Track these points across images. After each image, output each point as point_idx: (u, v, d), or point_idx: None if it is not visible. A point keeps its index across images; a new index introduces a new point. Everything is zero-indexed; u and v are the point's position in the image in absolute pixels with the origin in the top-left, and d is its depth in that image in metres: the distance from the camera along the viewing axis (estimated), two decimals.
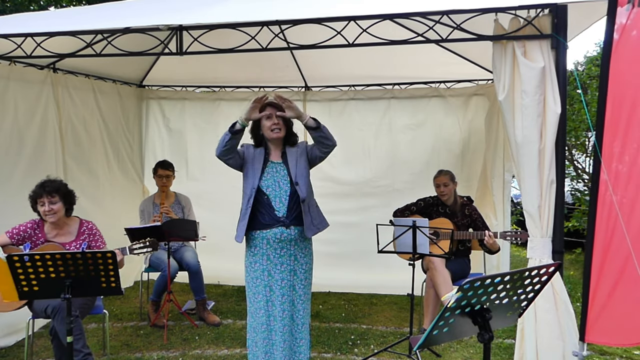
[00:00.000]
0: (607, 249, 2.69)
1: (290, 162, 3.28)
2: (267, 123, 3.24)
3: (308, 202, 3.26)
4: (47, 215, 3.37)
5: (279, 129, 3.24)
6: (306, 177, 3.28)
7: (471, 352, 4.01)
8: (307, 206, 3.25)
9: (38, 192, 3.39)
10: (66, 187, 3.49)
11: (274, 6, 3.29)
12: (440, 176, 4.45)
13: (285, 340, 3.22)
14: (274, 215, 3.19)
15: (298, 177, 3.23)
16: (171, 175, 4.93)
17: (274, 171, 3.26)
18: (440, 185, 4.42)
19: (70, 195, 3.49)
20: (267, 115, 3.23)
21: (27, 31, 3.33)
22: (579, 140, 6.99)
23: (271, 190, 3.21)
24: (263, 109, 3.25)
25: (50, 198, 3.37)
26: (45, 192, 3.36)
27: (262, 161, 3.27)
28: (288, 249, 3.24)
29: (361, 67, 5.18)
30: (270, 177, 3.24)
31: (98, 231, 3.58)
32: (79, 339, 3.16)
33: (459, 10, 2.90)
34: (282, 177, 3.25)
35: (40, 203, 3.38)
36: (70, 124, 4.86)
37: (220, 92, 6.00)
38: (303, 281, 3.29)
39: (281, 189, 3.22)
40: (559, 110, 2.78)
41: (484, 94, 5.27)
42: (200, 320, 4.69)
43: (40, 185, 3.41)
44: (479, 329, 1.84)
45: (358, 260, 5.53)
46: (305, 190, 3.24)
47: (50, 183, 3.42)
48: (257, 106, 3.16)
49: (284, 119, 3.26)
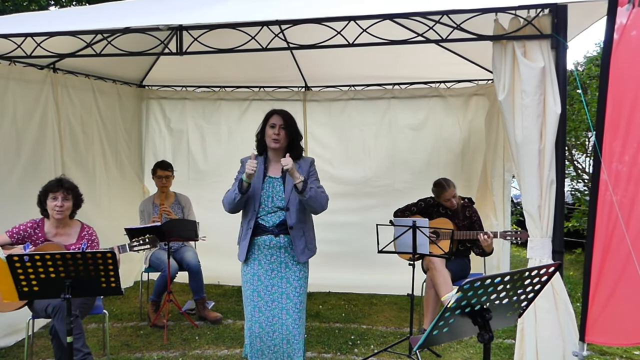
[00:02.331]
0: (607, 249, 2.69)
1: (288, 182, 3.17)
2: (270, 132, 3.21)
3: (301, 229, 3.19)
4: (55, 210, 3.38)
5: (278, 140, 3.18)
6: (298, 203, 3.15)
7: (471, 352, 4.01)
8: (299, 232, 3.17)
9: (55, 185, 3.42)
10: (78, 190, 3.54)
11: (274, 6, 3.29)
12: (447, 191, 4.33)
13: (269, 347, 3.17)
14: (262, 227, 3.18)
15: (291, 202, 3.16)
16: (170, 175, 4.93)
17: (271, 186, 3.20)
18: (449, 199, 4.33)
19: (79, 198, 3.55)
20: (271, 124, 3.21)
21: (27, 31, 3.33)
22: (579, 140, 6.98)
23: (264, 207, 3.18)
24: (270, 116, 3.23)
25: (65, 194, 3.41)
26: (63, 187, 3.41)
27: (261, 176, 3.21)
28: (278, 255, 3.19)
29: (361, 67, 5.18)
30: (265, 192, 3.19)
31: (97, 238, 3.60)
32: (79, 338, 3.16)
33: (459, 10, 2.90)
34: (276, 192, 3.19)
35: (53, 197, 3.39)
36: (69, 124, 4.85)
37: (220, 92, 6.00)
38: (297, 289, 3.20)
39: (274, 203, 3.17)
40: (559, 110, 2.78)
41: (484, 94, 5.27)
42: (201, 319, 4.69)
43: (58, 180, 3.45)
44: (479, 329, 1.84)
45: (358, 260, 5.53)
46: (296, 218, 3.16)
47: (67, 181, 3.48)
48: (251, 162, 3.05)
49: (287, 131, 3.21)
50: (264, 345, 3.19)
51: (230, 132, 5.93)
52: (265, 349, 3.19)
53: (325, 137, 5.82)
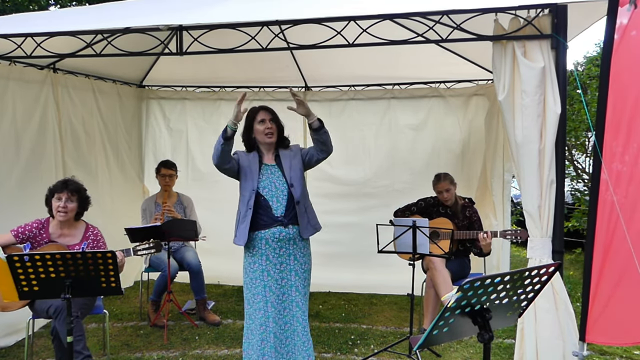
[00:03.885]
0: (607, 249, 2.69)
1: (284, 164, 3.31)
2: (260, 128, 3.28)
3: (304, 204, 3.29)
4: (59, 211, 3.37)
5: (272, 133, 3.29)
6: (300, 179, 3.31)
7: (471, 352, 4.01)
8: (302, 207, 3.27)
9: (60, 187, 3.41)
10: (86, 192, 3.53)
11: (274, 6, 3.29)
12: (441, 182, 4.39)
13: (281, 341, 3.21)
14: (272, 215, 3.21)
15: (293, 179, 3.27)
16: (174, 174, 4.94)
17: (269, 173, 3.29)
18: (442, 191, 4.37)
19: (86, 201, 3.53)
20: (260, 120, 3.28)
21: (27, 31, 3.33)
22: (579, 140, 6.98)
23: (268, 191, 3.23)
24: (256, 114, 3.30)
25: (69, 195, 3.39)
26: (68, 189, 3.40)
27: (257, 164, 3.29)
28: (287, 248, 3.25)
29: (361, 67, 5.18)
30: (266, 178, 3.27)
31: (102, 238, 3.59)
32: (80, 340, 3.15)
33: (459, 10, 2.90)
34: (277, 178, 3.28)
35: (57, 198, 3.39)
36: (70, 124, 4.85)
37: (220, 92, 6.00)
38: (304, 281, 3.30)
39: (277, 189, 3.25)
40: (559, 110, 2.78)
41: (484, 94, 5.27)
42: (201, 320, 4.69)
43: (64, 182, 3.45)
44: (479, 329, 1.84)
45: (358, 260, 5.53)
46: (300, 192, 3.27)
47: (73, 182, 3.47)
48: (239, 106, 3.15)
49: (277, 124, 3.32)
50: (277, 340, 3.20)
51: None
52: (278, 344, 3.21)
53: None
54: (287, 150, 3.38)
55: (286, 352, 3.22)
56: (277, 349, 3.20)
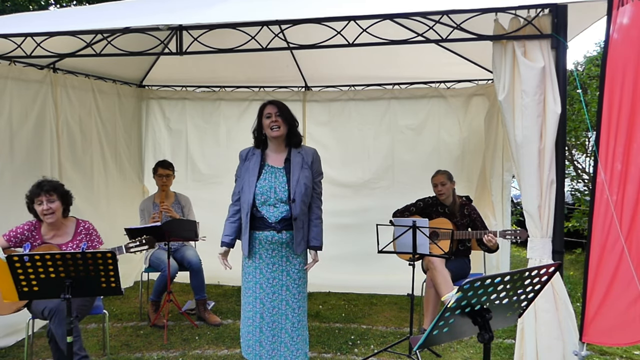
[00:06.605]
0: (603, 249, 2.70)
1: (293, 173, 3.22)
2: (267, 122, 3.27)
3: (302, 220, 3.23)
4: (45, 214, 3.33)
5: (277, 127, 3.24)
6: (303, 195, 3.20)
7: (471, 352, 4.01)
8: (300, 223, 3.21)
9: (35, 191, 3.35)
10: (63, 187, 3.47)
11: (274, 6, 3.29)
12: (437, 175, 4.46)
13: (267, 337, 3.25)
14: (265, 222, 3.22)
15: (297, 194, 3.19)
16: (171, 174, 4.93)
17: (272, 176, 3.23)
18: (437, 184, 4.42)
19: (67, 195, 3.47)
20: (267, 114, 3.27)
21: (27, 31, 3.33)
22: (579, 140, 6.98)
23: (266, 198, 3.20)
24: (264, 109, 3.30)
25: (48, 196, 3.33)
26: (43, 190, 3.33)
27: (257, 168, 3.25)
28: (279, 250, 3.26)
29: (361, 67, 5.18)
30: (267, 182, 3.22)
31: (95, 230, 3.56)
32: (76, 341, 3.14)
33: (459, 10, 2.90)
34: (279, 183, 3.21)
35: (38, 202, 3.33)
36: (67, 124, 4.82)
37: (220, 92, 6.00)
38: (297, 280, 3.30)
39: (277, 194, 3.20)
40: (559, 110, 2.78)
41: (484, 94, 5.26)
42: (200, 320, 4.69)
43: (37, 185, 3.37)
44: (479, 329, 1.84)
45: (358, 260, 5.53)
46: (300, 209, 3.19)
47: (47, 182, 3.39)
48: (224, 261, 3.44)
49: (284, 117, 3.27)
50: (262, 335, 3.26)
51: (230, 132, 5.92)
52: (264, 340, 3.26)
53: (324, 138, 5.81)
54: (299, 150, 3.30)
55: (272, 349, 3.26)
56: (261, 343, 3.26)
